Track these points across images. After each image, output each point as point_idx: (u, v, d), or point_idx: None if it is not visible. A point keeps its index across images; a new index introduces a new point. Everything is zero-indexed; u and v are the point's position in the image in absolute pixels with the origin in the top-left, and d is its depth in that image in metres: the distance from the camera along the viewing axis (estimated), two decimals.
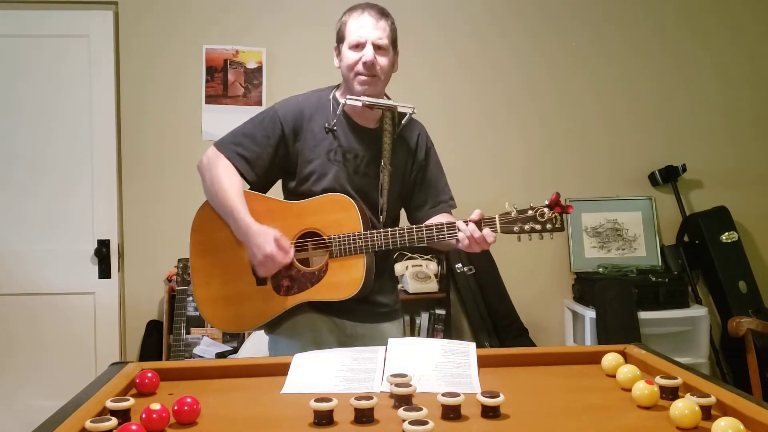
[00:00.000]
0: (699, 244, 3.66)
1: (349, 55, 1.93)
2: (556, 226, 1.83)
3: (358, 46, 1.91)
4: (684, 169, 3.69)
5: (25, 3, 3.56)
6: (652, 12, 3.79)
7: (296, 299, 1.92)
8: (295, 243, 1.93)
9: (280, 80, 3.61)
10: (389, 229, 1.88)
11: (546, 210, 1.83)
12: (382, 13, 1.95)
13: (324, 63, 3.57)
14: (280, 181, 2.08)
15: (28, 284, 3.49)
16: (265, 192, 2.05)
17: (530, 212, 1.83)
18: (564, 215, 1.85)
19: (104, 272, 3.52)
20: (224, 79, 3.59)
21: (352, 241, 1.88)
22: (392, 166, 1.99)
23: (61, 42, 3.51)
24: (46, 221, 3.51)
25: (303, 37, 3.62)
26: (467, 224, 1.83)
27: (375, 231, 1.88)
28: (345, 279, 1.89)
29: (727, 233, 3.63)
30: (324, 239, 1.91)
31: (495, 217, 1.83)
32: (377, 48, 1.91)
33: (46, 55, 3.51)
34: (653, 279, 3.44)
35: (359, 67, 1.91)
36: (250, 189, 2.02)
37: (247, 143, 1.98)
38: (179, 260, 3.26)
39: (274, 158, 1.98)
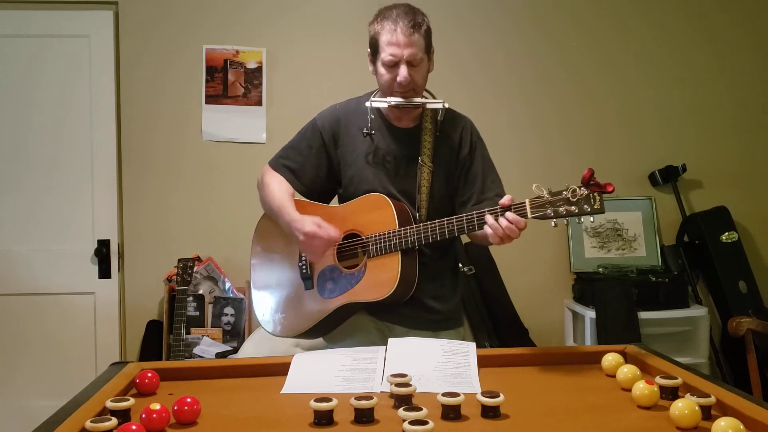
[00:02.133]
0: (699, 244, 3.66)
1: (384, 73, 1.91)
2: (595, 207, 1.61)
3: (393, 66, 1.88)
4: (684, 169, 3.69)
5: (25, 3, 3.56)
6: (651, 7, 3.78)
7: (338, 301, 1.93)
8: (338, 245, 1.96)
9: (280, 80, 3.61)
10: (421, 224, 1.86)
11: (582, 189, 1.61)
12: (415, 24, 1.87)
13: (324, 63, 3.61)
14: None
15: (28, 284, 3.49)
16: (325, 203, 2.09)
17: (564, 193, 1.63)
18: (602, 194, 1.61)
19: (104, 272, 3.52)
20: (224, 79, 3.59)
21: (386, 240, 1.87)
22: (434, 163, 1.97)
23: (61, 42, 3.51)
24: (47, 221, 3.51)
25: (303, 37, 3.62)
26: (495, 215, 1.69)
27: (408, 227, 1.86)
28: (382, 278, 1.87)
29: (727, 233, 3.63)
30: (363, 239, 1.92)
31: (525, 202, 1.68)
32: (411, 65, 1.88)
33: (46, 55, 3.50)
34: (653, 279, 3.43)
35: (395, 86, 1.90)
36: (306, 200, 2.07)
37: (293, 155, 2.06)
38: (179, 260, 3.26)
39: (319, 166, 2.04)
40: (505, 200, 1.70)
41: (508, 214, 1.68)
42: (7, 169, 3.51)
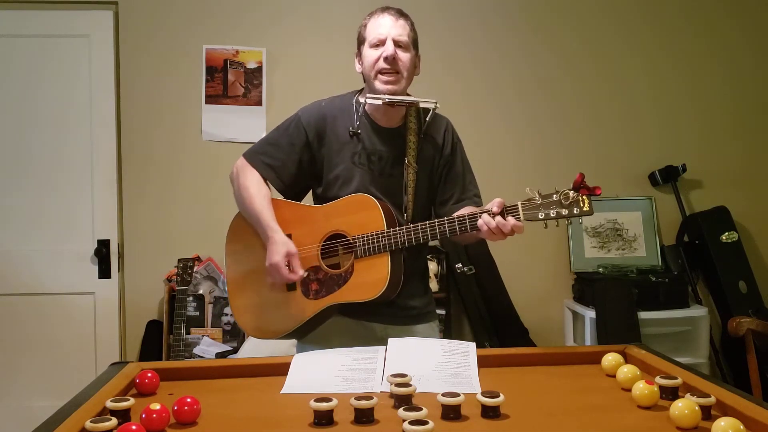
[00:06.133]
0: (699, 244, 3.66)
1: (370, 54, 1.93)
2: (584, 209, 1.70)
3: (379, 44, 1.91)
4: (684, 169, 3.69)
5: (25, 3, 3.56)
6: (651, 6, 3.78)
7: (324, 302, 1.91)
8: (322, 246, 1.94)
9: (280, 80, 3.61)
10: (411, 225, 1.86)
11: (571, 193, 1.70)
12: (401, 13, 1.96)
13: (324, 63, 3.60)
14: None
15: (28, 284, 3.50)
16: (299, 199, 2.06)
17: (555, 196, 1.71)
18: (591, 197, 1.70)
19: (104, 272, 3.53)
20: (224, 79, 3.59)
21: (375, 240, 1.86)
22: (419, 163, 1.97)
23: (61, 42, 3.51)
24: (47, 221, 3.51)
25: (303, 37, 3.63)
26: (489, 214, 1.75)
27: (398, 228, 1.85)
28: (371, 279, 1.86)
29: (727, 233, 3.63)
30: (349, 240, 1.90)
31: (517, 204, 1.74)
32: (398, 45, 1.91)
33: (46, 55, 3.51)
34: (653, 279, 3.43)
35: (380, 64, 1.90)
36: (283, 197, 2.03)
37: (273, 151, 2.01)
38: (179, 260, 3.26)
39: (300, 164, 2.00)
40: (497, 205, 1.75)
41: (509, 218, 1.73)
42: (7, 169, 3.51)
